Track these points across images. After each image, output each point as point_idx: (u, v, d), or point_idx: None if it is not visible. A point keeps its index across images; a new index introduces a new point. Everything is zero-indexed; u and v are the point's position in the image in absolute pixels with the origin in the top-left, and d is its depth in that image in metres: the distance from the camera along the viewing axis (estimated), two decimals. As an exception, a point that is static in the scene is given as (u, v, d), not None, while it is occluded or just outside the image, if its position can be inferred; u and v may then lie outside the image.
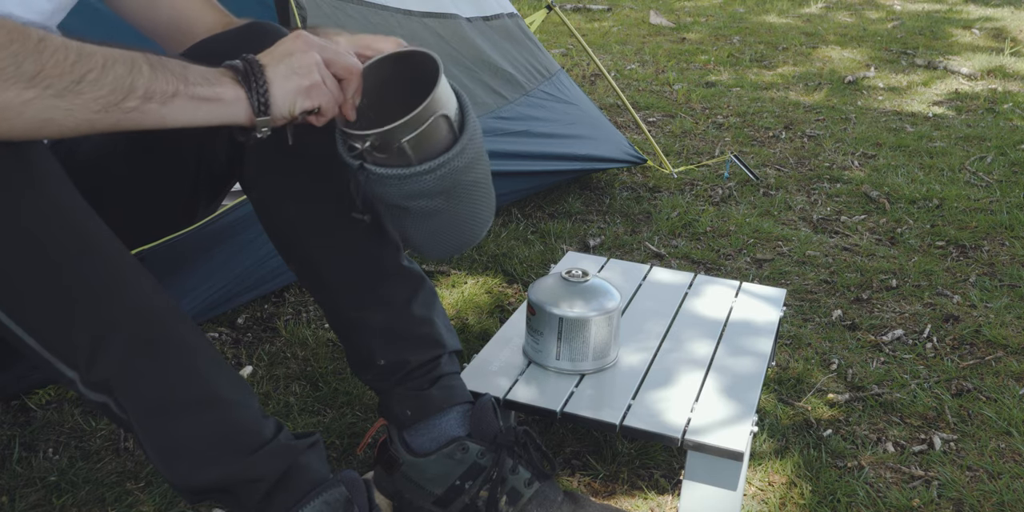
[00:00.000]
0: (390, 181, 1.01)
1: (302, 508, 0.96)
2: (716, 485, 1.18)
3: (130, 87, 0.83)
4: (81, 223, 0.89)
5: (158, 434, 0.93)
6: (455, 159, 1.01)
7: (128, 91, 0.83)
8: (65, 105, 0.80)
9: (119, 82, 0.82)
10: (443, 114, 0.99)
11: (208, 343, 0.96)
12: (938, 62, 4.19)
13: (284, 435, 0.98)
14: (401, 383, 1.17)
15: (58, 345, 0.89)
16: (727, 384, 1.30)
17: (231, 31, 1.12)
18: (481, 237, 1.16)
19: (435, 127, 0.99)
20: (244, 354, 1.66)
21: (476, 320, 1.81)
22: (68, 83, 0.80)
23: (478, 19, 2.23)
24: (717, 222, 2.34)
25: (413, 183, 1.00)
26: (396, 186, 1.01)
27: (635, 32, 4.97)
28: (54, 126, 0.82)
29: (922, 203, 2.48)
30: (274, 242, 1.18)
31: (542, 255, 2.10)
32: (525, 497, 1.13)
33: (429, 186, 1.01)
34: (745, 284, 1.62)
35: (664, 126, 3.23)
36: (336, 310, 1.17)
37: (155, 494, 1.27)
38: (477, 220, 1.12)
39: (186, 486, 0.95)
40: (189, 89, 0.87)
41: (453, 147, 1.01)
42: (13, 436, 1.39)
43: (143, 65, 0.84)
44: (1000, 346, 1.74)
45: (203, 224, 1.48)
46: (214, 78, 0.90)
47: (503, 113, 2.18)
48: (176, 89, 0.86)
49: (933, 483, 1.35)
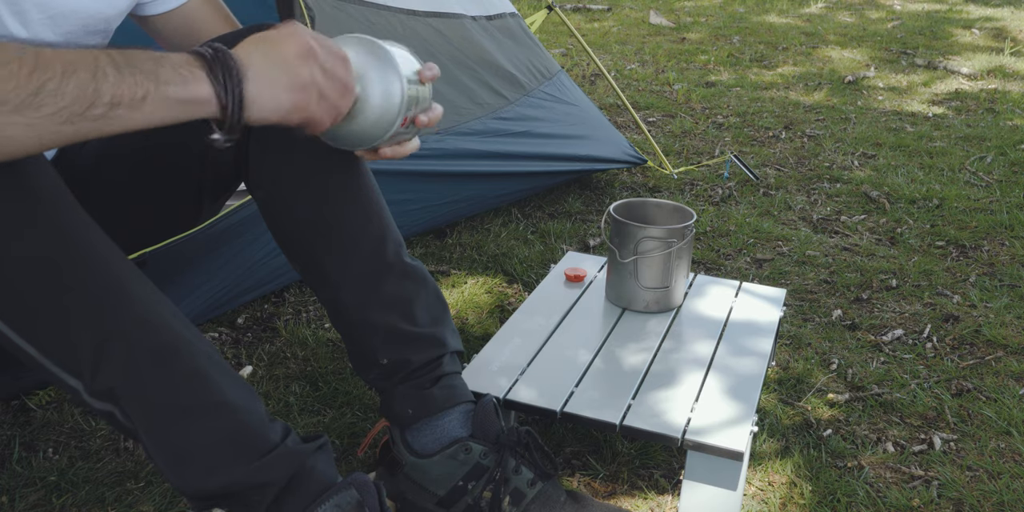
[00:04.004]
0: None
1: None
2: (716, 485, 1.18)
3: (95, 94, 0.76)
4: (80, 233, 0.89)
5: (165, 441, 0.92)
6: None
7: (93, 99, 0.76)
8: (24, 120, 0.74)
9: (82, 90, 0.76)
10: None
11: (212, 348, 0.96)
12: (938, 62, 4.19)
13: (291, 439, 0.97)
14: (403, 382, 1.17)
15: (60, 355, 0.88)
16: (727, 384, 1.30)
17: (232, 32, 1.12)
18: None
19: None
20: (244, 354, 1.66)
21: (476, 320, 1.81)
22: (25, 96, 0.73)
23: (482, 18, 2.24)
24: (717, 222, 2.34)
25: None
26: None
27: (635, 32, 4.97)
28: (15, 144, 0.76)
29: (922, 203, 2.48)
30: (278, 241, 1.18)
31: (542, 255, 2.10)
32: (528, 497, 1.13)
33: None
34: (745, 284, 1.62)
35: (664, 126, 3.23)
36: (339, 309, 1.17)
37: (155, 494, 1.27)
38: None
39: (194, 492, 0.94)
40: (160, 89, 0.80)
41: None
42: (13, 436, 1.39)
43: (107, 67, 0.77)
44: (1000, 346, 1.74)
45: (206, 226, 1.48)
46: (186, 71, 0.82)
47: (504, 114, 2.18)
48: (146, 91, 0.79)
49: (933, 483, 1.35)
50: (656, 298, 1.49)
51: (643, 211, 1.54)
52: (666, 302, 1.50)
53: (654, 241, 1.43)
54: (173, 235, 1.40)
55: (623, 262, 1.46)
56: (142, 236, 1.34)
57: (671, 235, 1.43)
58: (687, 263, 1.49)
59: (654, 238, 1.43)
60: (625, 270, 1.47)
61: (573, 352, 1.38)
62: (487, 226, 2.26)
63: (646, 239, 1.43)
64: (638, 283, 1.47)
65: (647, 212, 1.55)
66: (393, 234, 1.17)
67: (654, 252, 1.44)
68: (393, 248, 1.17)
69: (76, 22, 1.06)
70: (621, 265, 1.47)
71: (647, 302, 1.49)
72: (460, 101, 2.06)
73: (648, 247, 1.44)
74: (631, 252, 1.44)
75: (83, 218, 0.90)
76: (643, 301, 1.49)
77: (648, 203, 1.55)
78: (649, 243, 1.43)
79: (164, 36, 1.24)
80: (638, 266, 1.45)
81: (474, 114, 2.09)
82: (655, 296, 1.48)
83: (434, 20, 2.06)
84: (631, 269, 1.46)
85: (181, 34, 1.23)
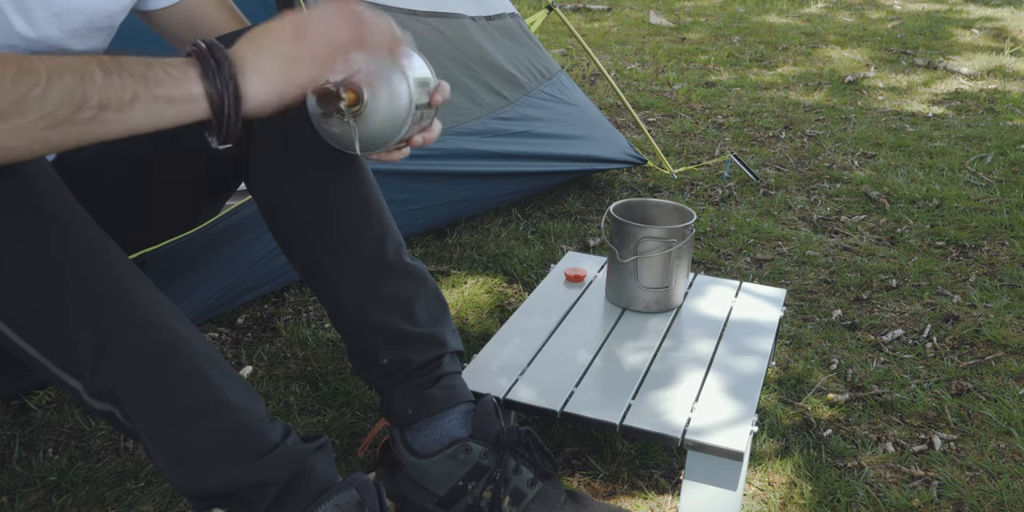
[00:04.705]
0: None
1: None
2: (716, 485, 1.18)
3: (82, 98, 0.76)
4: (81, 233, 0.89)
5: (165, 441, 0.92)
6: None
7: (80, 103, 0.76)
8: (9, 127, 0.74)
9: (68, 95, 0.75)
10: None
11: (212, 348, 0.96)
12: (938, 62, 4.19)
13: (292, 439, 0.97)
14: (403, 382, 1.17)
15: (61, 355, 0.88)
16: (727, 384, 1.30)
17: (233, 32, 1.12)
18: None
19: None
20: (244, 354, 1.66)
21: (476, 320, 1.81)
22: (8, 104, 0.73)
23: (481, 18, 2.24)
24: (717, 222, 2.34)
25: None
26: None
27: (635, 32, 4.97)
28: (5, 151, 0.76)
29: (922, 203, 2.48)
30: (278, 241, 1.18)
31: (542, 255, 2.10)
32: (528, 497, 1.13)
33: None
34: (745, 284, 1.62)
35: (664, 126, 3.23)
36: (340, 309, 1.17)
37: (155, 494, 1.27)
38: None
39: (194, 492, 0.94)
40: (151, 90, 0.79)
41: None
42: (13, 436, 1.39)
43: (95, 71, 0.77)
44: (1000, 346, 1.74)
45: (206, 226, 1.48)
46: (177, 72, 0.81)
47: (504, 114, 2.18)
48: (135, 93, 0.78)
49: (933, 483, 1.35)
50: (656, 298, 1.49)
51: (643, 211, 1.54)
52: (666, 302, 1.50)
53: (654, 241, 1.43)
54: (173, 235, 1.40)
55: (623, 262, 1.46)
56: (142, 236, 1.34)
57: (671, 235, 1.43)
58: (687, 263, 1.49)
59: (654, 238, 1.43)
60: (625, 270, 1.47)
61: (573, 352, 1.38)
62: (487, 226, 2.26)
63: (646, 239, 1.43)
64: (638, 283, 1.47)
65: (647, 212, 1.55)
66: (393, 234, 1.17)
67: (654, 252, 1.44)
68: (393, 248, 1.17)
69: (81, 18, 1.06)
70: (621, 265, 1.47)
71: (647, 302, 1.49)
72: (460, 101, 2.06)
73: (648, 247, 1.44)
74: (631, 252, 1.44)
75: (84, 218, 0.90)
76: (643, 301, 1.49)
77: (648, 203, 1.55)
78: (649, 243, 1.43)
79: (167, 31, 1.23)
80: (638, 266, 1.45)
81: (474, 114, 2.09)
82: (655, 296, 1.48)
83: (434, 20, 2.06)
84: (631, 269, 1.46)
85: (184, 29, 1.22)
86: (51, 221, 0.87)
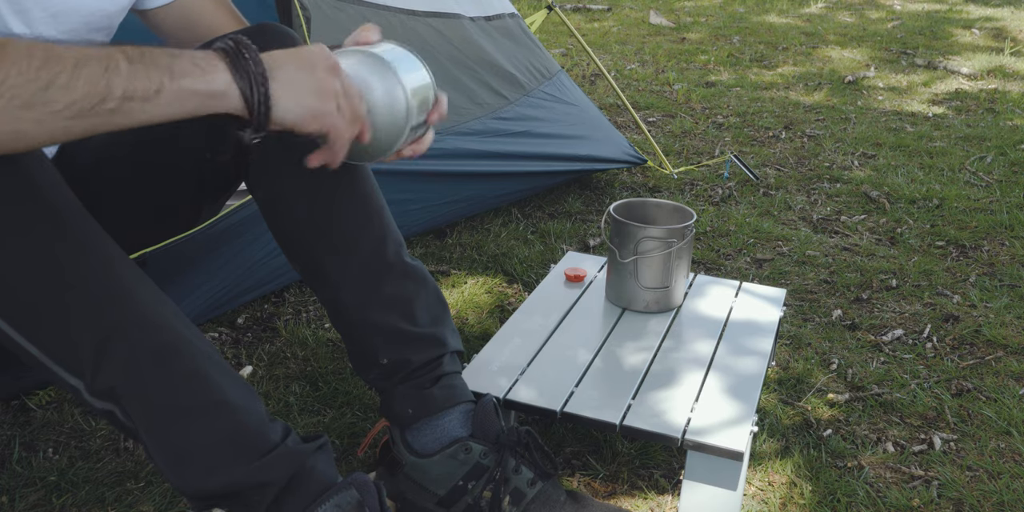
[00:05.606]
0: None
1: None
2: (716, 485, 1.18)
3: (107, 88, 0.76)
4: (81, 232, 0.89)
5: (165, 441, 0.92)
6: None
7: (105, 93, 0.76)
8: (34, 115, 0.74)
9: (93, 84, 0.76)
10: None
11: (212, 348, 0.96)
12: (938, 62, 4.19)
13: (292, 439, 0.97)
14: (403, 382, 1.17)
15: (61, 354, 0.88)
16: (727, 384, 1.30)
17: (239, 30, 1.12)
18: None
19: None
20: (244, 354, 1.66)
21: (476, 320, 1.81)
22: (35, 91, 0.73)
23: (480, 19, 2.23)
24: (717, 222, 2.34)
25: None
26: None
27: (635, 32, 4.97)
28: (27, 139, 0.76)
29: (922, 203, 2.48)
30: (279, 241, 1.18)
31: (542, 255, 2.10)
32: (528, 497, 1.13)
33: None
34: (745, 284, 1.62)
35: (664, 126, 3.23)
36: (340, 309, 1.17)
37: (155, 494, 1.27)
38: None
39: (194, 492, 0.94)
40: (175, 82, 0.80)
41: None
42: (13, 436, 1.39)
43: (120, 62, 0.77)
44: (1000, 346, 1.74)
45: (206, 226, 1.48)
46: (205, 64, 0.82)
47: (504, 114, 2.18)
48: (160, 84, 0.79)
49: (933, 483, 1.35)
50: (656, 298, 1.49)
51: (643, 211, 1.54)
52: (666, 302, 1.50)
53: (654, 241, 1.43)
54: (173, 235, 1.40)
55: (623, 262, 1.46)
56: (142, 236, 1.34)
57: (671, 235, 1.43)
58: (687, 263, 1.49)
59: (654, 238, 1.43)
60: (625, 270, 1.47)
61: (573, 352, 1.38)
62: (487, 226, 2.26)
63: (646, 239, 1.43)
64: (638, 283, 1.47)
65: (647, 212, 1.55)
66: (393, 234, 1.17)
67: (654, 252, 1.44)
68: (393, 248, 1.17)
69: (78, 19, 1.06)
70: (621, 265, 1.47)
71: (647, 302, 1.49)
72: (460, 101, 2.06)
73: (648, 247, 1.44)
74: (631, 252, 1.44)
75: (84, 217, 0.90)
76: (643, 301, 1.49)
77: (648, 203, 1.55)
78: (649, 243, 1.43)
79: (164, 30, 1.23)
80: (638, 266, 1.45)
81: (474, 114, 2.09)
82: (655, 296, 1.48)
83: (434, 20, 2.06)
84: (631, 269, 1.46)
85: (181, 27, 1.22)
86: (52, 219, 0.87)
